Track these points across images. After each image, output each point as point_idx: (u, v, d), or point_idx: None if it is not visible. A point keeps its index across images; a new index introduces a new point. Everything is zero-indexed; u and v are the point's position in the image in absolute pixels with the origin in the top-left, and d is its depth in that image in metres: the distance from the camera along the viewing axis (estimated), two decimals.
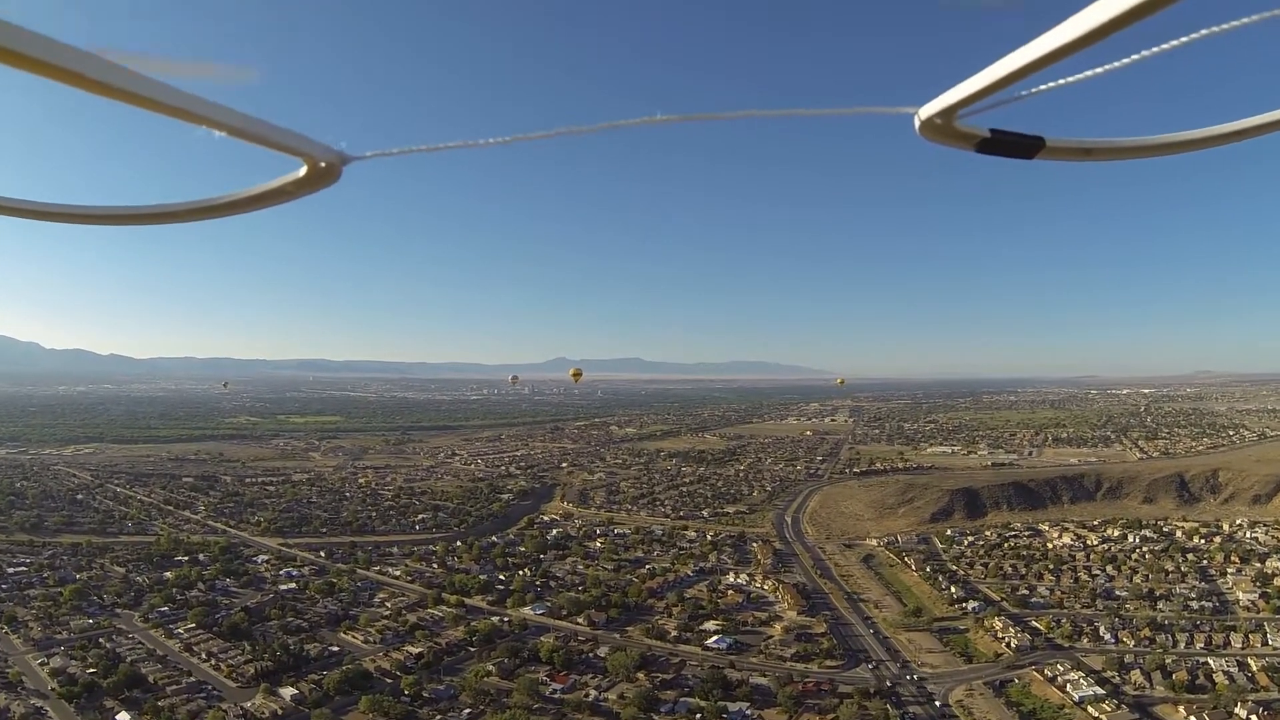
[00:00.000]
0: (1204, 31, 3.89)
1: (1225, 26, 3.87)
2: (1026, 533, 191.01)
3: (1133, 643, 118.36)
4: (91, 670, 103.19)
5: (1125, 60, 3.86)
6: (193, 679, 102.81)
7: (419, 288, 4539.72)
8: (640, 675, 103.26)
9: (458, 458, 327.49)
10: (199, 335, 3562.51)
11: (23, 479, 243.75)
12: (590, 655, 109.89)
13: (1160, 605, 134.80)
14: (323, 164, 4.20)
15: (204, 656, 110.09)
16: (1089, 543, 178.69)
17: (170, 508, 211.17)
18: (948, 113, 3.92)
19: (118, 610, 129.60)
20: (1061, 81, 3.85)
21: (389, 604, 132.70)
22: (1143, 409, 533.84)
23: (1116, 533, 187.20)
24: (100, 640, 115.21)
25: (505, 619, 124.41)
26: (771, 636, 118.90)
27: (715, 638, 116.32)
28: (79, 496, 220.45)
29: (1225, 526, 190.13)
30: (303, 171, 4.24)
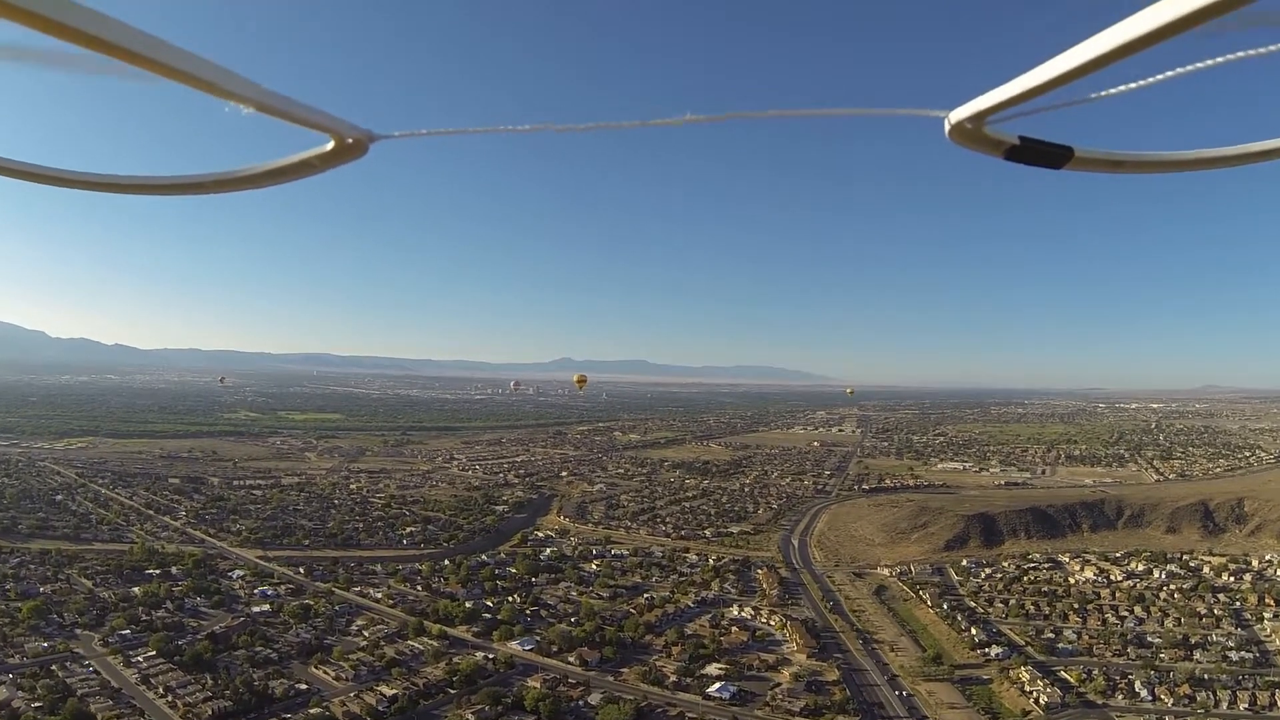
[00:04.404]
0: (1239, 54, 3.74)
1: (1264, 50, 3.71)
2: (1046, 564, 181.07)
3: (1171, 701, 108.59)
4: (37, 705, 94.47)
5: (1160, 76, 3.83)
6: (144, 719, 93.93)
7: (426, 285, 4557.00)
8: None
9: (456, 462, 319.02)
10: (204, 327, 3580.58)
11: (5, 475, 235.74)
12: (580, 704, 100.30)
13: (1197, 655, 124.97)
14: (349, 140, 4.15)
15: (161, 691, 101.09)
16: (1113, 578, 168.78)
17: (151, 512, 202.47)
18: (978, 118, 3.95)
19: (78, 631, 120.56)
20: (1094, 96, 3.84)
21: (366, 633, 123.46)
22: (1154, 425, 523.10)
23: (1141, 566, 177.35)
24: (53, 668, 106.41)
25: (490, 656, 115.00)
26: (779, 684, 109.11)
27: (718, 685, 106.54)
28: (58, 497, 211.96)
29: (1254, 562, 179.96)
30: (329, 147, 4.19)
